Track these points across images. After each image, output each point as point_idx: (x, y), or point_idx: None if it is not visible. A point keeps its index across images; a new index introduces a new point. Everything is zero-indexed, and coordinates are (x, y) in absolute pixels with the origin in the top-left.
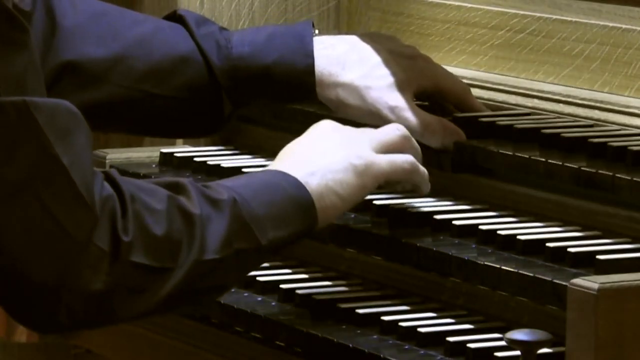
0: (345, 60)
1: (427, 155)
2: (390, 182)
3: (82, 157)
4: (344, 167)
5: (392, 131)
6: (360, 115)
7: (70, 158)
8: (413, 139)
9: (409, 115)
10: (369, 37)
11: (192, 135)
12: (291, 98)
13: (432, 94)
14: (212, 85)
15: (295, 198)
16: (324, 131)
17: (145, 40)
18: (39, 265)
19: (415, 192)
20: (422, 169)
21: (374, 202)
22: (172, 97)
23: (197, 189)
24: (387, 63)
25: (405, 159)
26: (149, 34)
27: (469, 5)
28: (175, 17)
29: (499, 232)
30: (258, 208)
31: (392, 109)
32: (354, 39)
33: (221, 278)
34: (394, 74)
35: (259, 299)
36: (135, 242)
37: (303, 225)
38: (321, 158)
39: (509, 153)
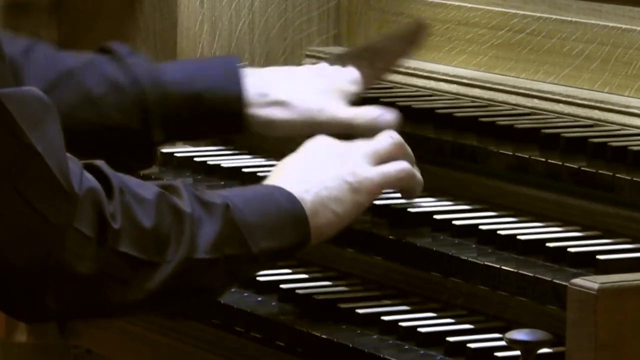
0: (271, 81)
1: (427, 155)
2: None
3: (55, 143)
4: (339, 185)
5: (384, 140)
6: (293, 128)
7: (43, 145)
8: (406, 145)
9: (339, 108)
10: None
11: (127, 168)
12: (220, 126)
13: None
14: (144, 112)
15: (290, 212)
16: (319, 147)
17: (79, 70)
18: (20, 253)
19: (405, 197)
20: (418, 174)
21: (374, 202)
22: (107, 125)
23: (190, 191)
24: (312, 78)
25: (399, 167)
26: (82, 64)
27: (469, 5)
28: (105, 50)
29: (499, 232)
30: (251, 216)
31: (321, 110)
32: (275, 67)
33: (210, 280)
34: (320, 84)
35: (259, 299)
36: (123, 231)
37: (296, 239)
38: (316, 175)
39: (509, 153)
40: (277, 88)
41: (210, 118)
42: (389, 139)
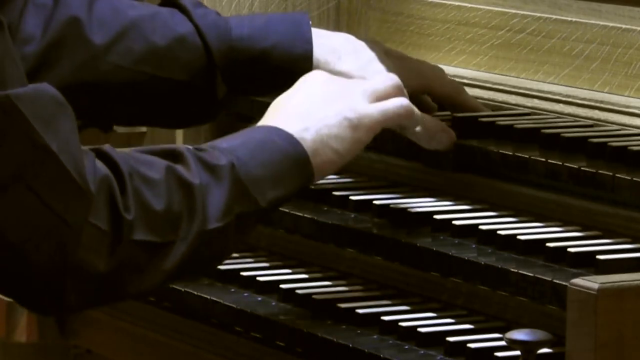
0: (341, 51)
1: (427, 155)
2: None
3: (69, 141)
4: (339, 122)
5: (385, 81)
6: None
7: (58, 144)
8: (404, 88)
9: (405, 99)
10: (359, 38)
11: (187, 123)
12: (285, 84)
13: (422, 94)
14: (209, 67)
15: (291, 155)
16: (316, 83)
17: (144, 22)
18: (38, 253)
19: (406, 134)
20: (417, 110)
21: (374, 202)
22: (170, 79)
23: (195, 155)
24: (380, 59)
25: (399, 103)
26: (147, 16)
27: (469, 5)
28: (172, 2)
29: (499, 232)
30: (256, 169)
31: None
32: (347, 34)
33: (223, 245)
34: (387, 69)
35: (259, 299)
36: (137, 219)
37: (300, 181)
38: (315, 112)
39: (509, 153)
40: (345, 58)
41: (277, 75)
42: (388, 80)
